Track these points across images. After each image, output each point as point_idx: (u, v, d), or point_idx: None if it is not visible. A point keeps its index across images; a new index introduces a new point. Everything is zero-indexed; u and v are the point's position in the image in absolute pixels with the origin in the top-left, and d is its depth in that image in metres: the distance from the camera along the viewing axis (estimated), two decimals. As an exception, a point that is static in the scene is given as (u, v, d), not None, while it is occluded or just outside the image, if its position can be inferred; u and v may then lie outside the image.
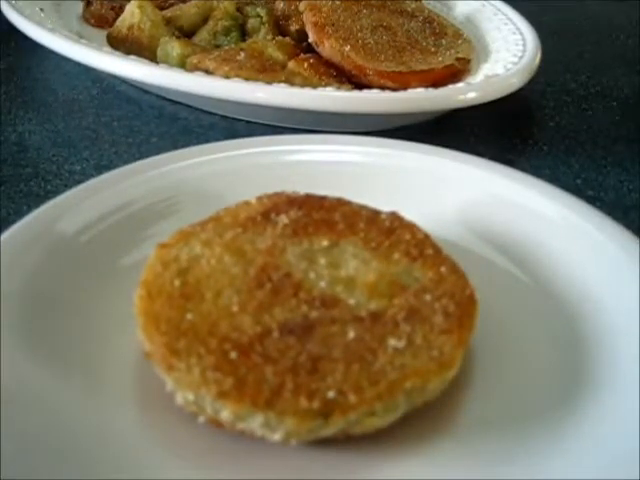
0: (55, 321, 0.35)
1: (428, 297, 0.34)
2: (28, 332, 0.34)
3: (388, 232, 0.37)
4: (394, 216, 0.39)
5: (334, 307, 0.33)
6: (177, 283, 0.34)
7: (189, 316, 0.32)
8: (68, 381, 0.33)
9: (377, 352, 0.31)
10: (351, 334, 0.32)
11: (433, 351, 0.31)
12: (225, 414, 0.30)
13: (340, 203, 0.39)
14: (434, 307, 0.33)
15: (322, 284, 0.34)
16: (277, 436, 0.30)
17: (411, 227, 0.38)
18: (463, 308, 0.34)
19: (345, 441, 0.31)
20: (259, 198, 0.39)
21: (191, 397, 0.30)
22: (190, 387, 0.30)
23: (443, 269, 0.36)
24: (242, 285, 0.34)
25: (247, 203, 0.39)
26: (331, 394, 0.29)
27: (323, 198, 0.40)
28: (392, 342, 0.31)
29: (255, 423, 0.29)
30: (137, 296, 0.33)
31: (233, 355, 0.30)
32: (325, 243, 0.37)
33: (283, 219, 0.37)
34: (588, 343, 0.36)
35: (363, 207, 0.39)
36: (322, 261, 0.35)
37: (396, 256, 0.36)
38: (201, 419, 0.31)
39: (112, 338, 0.35)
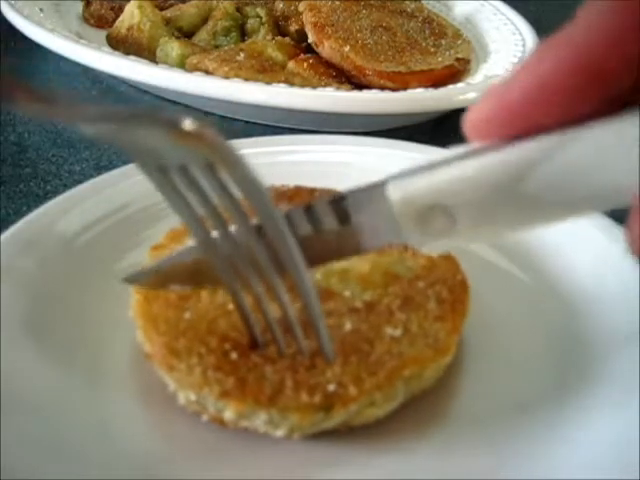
0: (55, 321, 0.35)
1: (421, 284, 0.34)
2: (28, 332, 0.34)
3: None
4: None
5: (329, 300, 0.33)
6: None
7: (187, 315, 0.32)
8: (68, 381, 0.33)
9: (374, 342, 0.31)
10: (347, 326, 0.32)
11: (429, 338, 0.32)
12: (228, 413, 0.30)
13: (330, 194, 0.39)
14: (427, 294, 0.34)
15: (317, 276, 0.34)
16: (280, 432, 0.30)
17: None
18: (456, 294, 0.34)
19: (346, 433, 0.31)
20: None
21: (193, 397, 0.30)
22: (192, 387, 0.30)
23: (435, 256, 0.36)
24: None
25: None
26: (331, 387, 0.29)
27: (313, 190, 0.40)
28: (389, 331, 0.32)
29: (258, 420, 0.30)
30: (134, 299, 0.33)
31: (234, 355, 0.30)
32: None
33: None
34: (585, 338, 0.36)
35: None
36: None
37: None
38: (204, 417, 0.31)
39: (112, 338, 0.35)
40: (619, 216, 0.41)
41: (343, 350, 0.31)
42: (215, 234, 0.29)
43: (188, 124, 0.24)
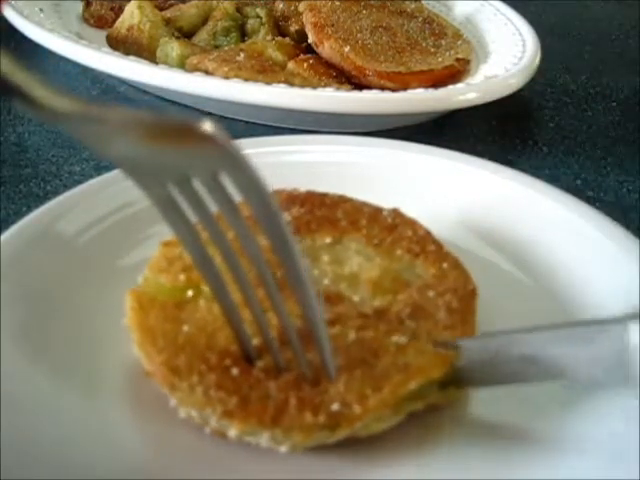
0: (55, 321, 0.35)
1: (431, 293, 0.34)
2: (28, 332, 0.34)
3: (390, 229, 0.38)
4: (396, 212, 0.39)
5: (339, 304, 0.33)
6: (182, 277, 0.34)
7: (185, 328, 0.32)
8: (68, 382, 0.33)
9: (379, 352, 0.31)
10: (352, 335, 0.31)
11: (436, 347, 0.31)
12: (231, 431, 0.29)
13: (342, 200, 0.39)
14: (437, 303, 0.33)
15: (326, 281, 0.34)
16: (283, 448, 0.30)
17: (412, 223, 0.38)
18: (466, 304, 0.34)
19: (349, 442, 0.31)
20: None
21: (195, 413, 0.30)
22: (194, 406, 0.29)
23: (445, 265, 0.36)
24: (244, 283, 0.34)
25: None
26: (335, 407, 0.29)
27: (325, 195, 0.40)
28: (394, 339, 0.31)
29: (262, 438, 0.29)
30: (129, 307, 0.33)
31: (235, 371, 0.30)
32: (328, 240, 0.37)
33: (285, 216, 0.37)
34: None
35: (365, 204, 0.39)
36: (325, 258, 0.36)
37: (398, 252, 0.36)
38: (206, 430, 0.31)
39: (112, 340, 0.35)
40: (618, 216, 0.41)
41: (347, 362, 0.30)
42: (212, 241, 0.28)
43: (208, 125, 0.24)
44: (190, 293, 0.34)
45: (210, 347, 0.31)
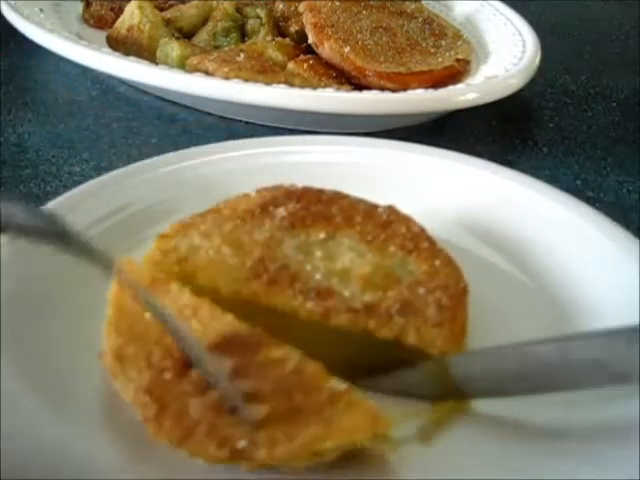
0: (55, 321, 0.35)
1: (422, 290, 0.34)
2: (27, 332, 0.34)
3: (384, 225, 0.38)
4: (390, 209, 0.39)
5: (328, 298, 0.33)
6: (176, 269, 0.34)
7: (147, 316, 0.32)
8: (68, 382, 0.33)
9: (311, 392, 0.29)
10: (290, 365, 0.30)
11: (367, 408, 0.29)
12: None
13: (338, 196, 0.40)
14: (427, 300, 0.34)
15: (317, 276, 0.34)
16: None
17: (407, 220, 0.38)
18: (456, 301, 0.34)
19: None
20: (258, 191, 0.39)
21: None
22: (126, 399, 0.30)
23: (437, 262, 0.36)
24: (239, 275, 0.34)
25: (246, 196, 0.39)
26: (242, 443, 0.28)
27: (321, 191, 0.40)
28: (331, 383, 0.29)
29: None
30: (110, 291, 0.33)
31: (167, 376, 0.29)
32: (322, 236, 0.37)
33: (281, 212, 0.38)
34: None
35: (360, 200, 0.39)
36: (318, 253, 0.36)
37: (391, 249, 0.36)
38: None
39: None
40: (618, 216, 0.41)
41: (273, 397, 0.29)
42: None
43: None
44: None
45: (159, 342, 0.31)
